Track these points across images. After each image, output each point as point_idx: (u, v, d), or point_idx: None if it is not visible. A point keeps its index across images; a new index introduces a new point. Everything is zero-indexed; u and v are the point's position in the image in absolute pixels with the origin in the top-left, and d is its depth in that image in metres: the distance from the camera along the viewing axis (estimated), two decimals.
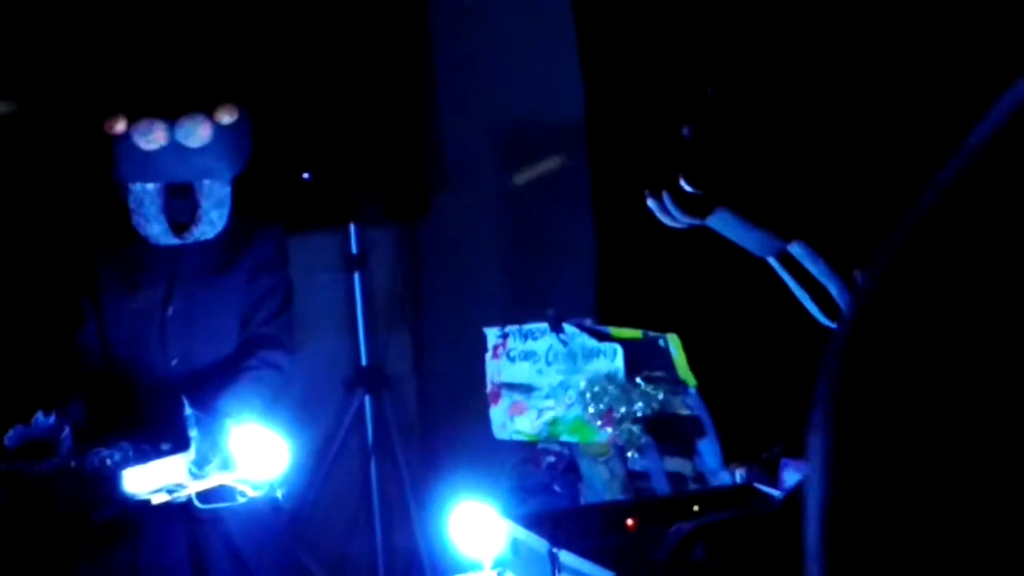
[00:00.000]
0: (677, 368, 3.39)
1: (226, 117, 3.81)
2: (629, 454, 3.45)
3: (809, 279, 2.18)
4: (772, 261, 2.18)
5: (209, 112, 3.81)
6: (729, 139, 2.07)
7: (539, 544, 2.48)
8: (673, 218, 2.12)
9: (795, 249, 2.15)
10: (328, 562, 4.83)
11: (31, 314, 4.32)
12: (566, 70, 4.87)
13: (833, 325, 2.21)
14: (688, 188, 2.08)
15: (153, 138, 3.76)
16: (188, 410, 3.47)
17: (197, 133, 3.77)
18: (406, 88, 4.88)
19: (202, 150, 3.79)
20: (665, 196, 2.11)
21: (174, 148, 3.77)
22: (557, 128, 4.96)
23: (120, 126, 3.79)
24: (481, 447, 3.98)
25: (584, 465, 3.65)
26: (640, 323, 3.52)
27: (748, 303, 3.70)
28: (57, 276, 4.05)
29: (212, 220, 3.86)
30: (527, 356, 3.60)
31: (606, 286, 4.63)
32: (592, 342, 3.49)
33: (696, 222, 2.13)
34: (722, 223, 2.12)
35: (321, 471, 4.78)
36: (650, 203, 2.14)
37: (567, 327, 3.54)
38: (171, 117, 3.78)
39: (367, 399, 4.95)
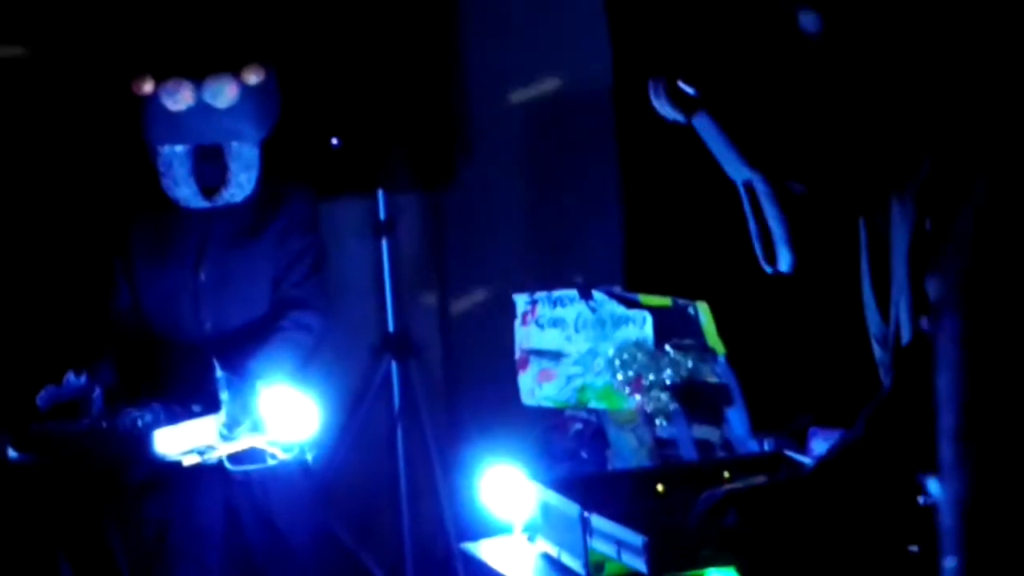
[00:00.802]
0: (706, 336, 3.39)
1: (253, 77, 3.82)
2: (657, 421, 3.45)
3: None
4: (741, 190, 2.18)
5: (236, 72, 3.81)
6: (730, 53, 2.08)
7: (570, 508, 2.48)
8: (662, 107, 2.15)
9: (756, 182, 2.15)
10: (354, 526, 4.85)
11: (64, 277, 4.34)
12: (593, 35, 4.87)
13: (768, 269, 2.21)
14: (683, 85, 2.10)
15: (180, 98, 3.77)
16: (219, 372, 3.49)
17: (224, 93, 3.78)
18: (434, 55, 4.87)
19: (229, 111, 3.80)
20: (660, 84, 2.13)
21: (201, 108, 3.78)
22: (584, 94, 4.96)
23: (148, 87, 3.80)
24: (507, 413, 3.99)
25: (612, 432, 3.66)
26: (667, 290, 3.52)
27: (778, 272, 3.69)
28: (90, 240, 4.07)
29: (241, 183, 3.87)
30: (556, 323, 3.60)
31: (633, 253, 4.64)
32: (621, 309, 3.49)
33: (680, 119, 2.14)
34: (703, 129, 2.12)
35: (348, 436, 4.79)
36: (650, 87, 2.15)
37: (596, 294, 3.55)
38: (198, 77, 3.79)
39: (394, 365, 4.96)
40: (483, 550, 2.75)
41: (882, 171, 2.09)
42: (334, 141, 4.77)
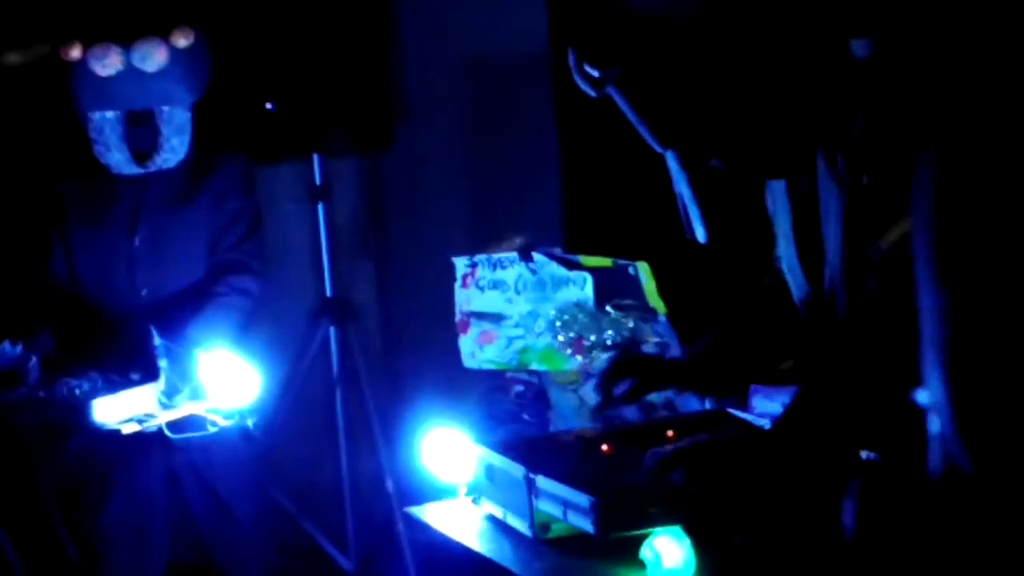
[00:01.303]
0: (647, 296, 3.40)
1: (182, 40, 3.78)
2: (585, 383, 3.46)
3: None
4: (667, 159, 2.19)
5: (165, 36, 3.77)
6: (633, 29, 2.08)
7: (515, 469, 2.48)
8: (578, 81, 2.16)
9: (668, 159, 2.17)
10: (294, 492, 4.83)
11: None
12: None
13: (701, 239, 2.23)
14: (590, 70, 2.12)
15: (109, 63, 3.73)
16: (157, 340, 3.46)
17: (153, 57, 3.74)
18: (369, 18, 4.83)
19: (160, 74, 3.76)
20: (573, 60, 2.14)
21: (131, 73, 3.74)
22: (521, 57, 4.95)
23: (76, 52, 3.75)
24: (447, 377, 3.98)
25: (554, 393, 3.66)
26: (606, 251, 3.52)
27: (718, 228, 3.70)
28: (24, 209, 4.02)
29: (174, 147, 3.83)
30: (496, 285, 3.60)
31: (573, 215, 4.64)
32: (562, 271, 3.49)
33: (592, 94, 2.15)
34: (618, 103, 2.14)
35: (287, 402, 4.77)
36: (570, 60, 2.17)
37: (536, 256, 3.54)
38: (127, 41, 3.74)
39: (332, 330, 4.93)
40: (428, 513, 2.74)
41: (805, 136, 2.10)
42: (269, 106, 4.73)
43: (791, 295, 2.44)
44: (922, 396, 1.68)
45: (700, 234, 2.19)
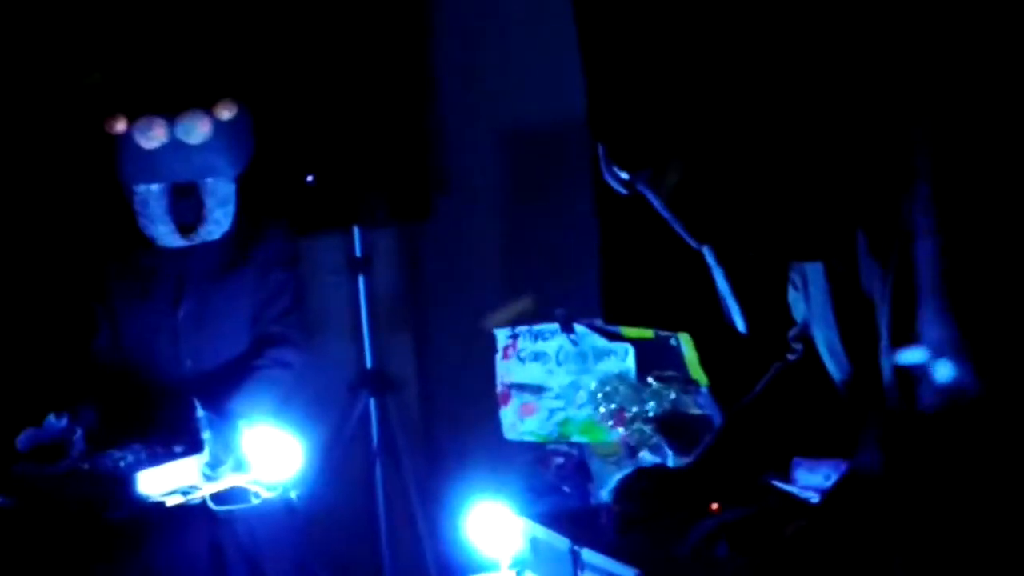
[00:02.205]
0: (688, 367, 3.40)
1: (226, 113, 3.81)
2: (640, 454, 3.45)
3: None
4: (705, 254, 2.23)
5: (208, 108, 3.81)
6: (659, 135, 2.12)
7: (560, 542, 2.48)
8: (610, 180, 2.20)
9: (705, 253, 2.20)
10: (333, 565, 4.82)
11: (43, 319, 4.32)
12: (568, 71, 4.87)
13: (743, 329, 2.25)
14: (620, 172, 2.15)
15: (153, 135, 3.77)
16: (200, 412, 3.47)
17: (197, 129, 3.77)
18: (408, 90, 4.88)
19: (203, 147, 3.79)
20: (602, 163, 2.18)
21: (175, 146, 3.78)
22: (559, 128, 4.97)
23: (120, 125, 3.79)
24: (486, 449, 3.98)
25: (595, 465, 3.65)
26: (648, 322, 3.52)
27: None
28: (69, 282, 4.05)
29: (218, 219, 3.86)
30: (537, 357, 3.60)
31: (611, 285, 4.63)
32: (603, 342, 3.49)
33: (625, 192, 2.19)
34: (653, 203, 2.17)
35: (326, 474, 4.77)
36: (600, 160, 2.21)
37: (577, 327, 3.55)
38: (170, 114, 3.79)
39: (371, 401, 4.94)
40: None
41: (844, 216, 2.13)
42: (309, 178, 4.77)
43: (813, 374, 2.46)
44: (909, 356, 1.81)
45: (740, 326, 2.22)
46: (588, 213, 4.77)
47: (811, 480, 3.00)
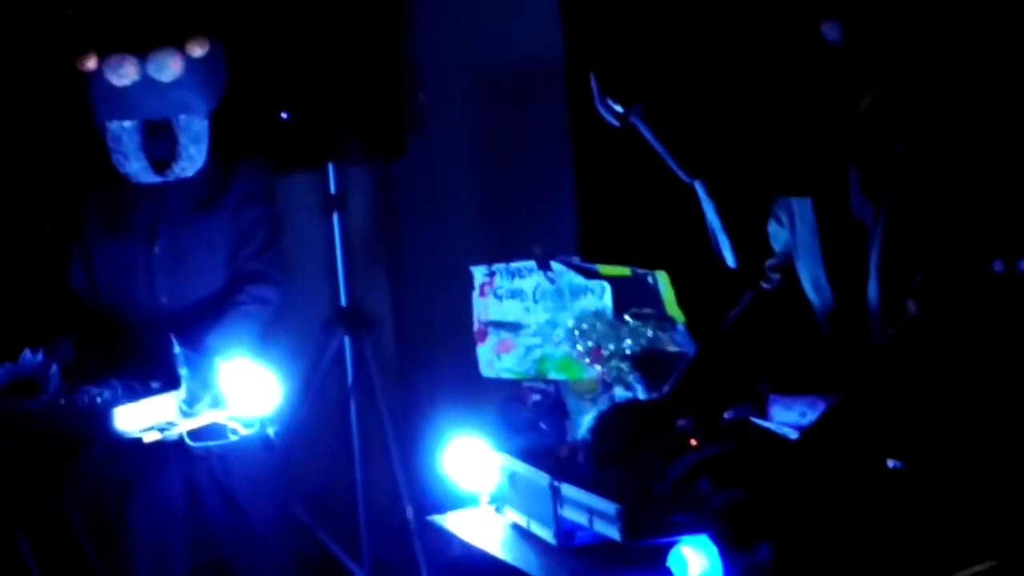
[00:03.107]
0: (666, 305, 3.40)
1: (197, 50, 3.78)
2: (617, 391, 3.46)
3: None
4: (697, 188, 2.23)
5: (180, 45, 3.78)
6: (652, 65, 2.12)
7: (540, 477, 2.49)
8: (603, 111, 2.20)
9: (696, 187, 2.20)
10: (309, 501, 4.84)
11: (18, 254, 4.30)
12: (543, 7, 4.85)
13: (732, 264, 2.26)
14: (614, 105, 2.15)
15: (124, 73, 3.74)
16: (177, 348, 3.46)
17: (168, 67, 3.74)
18: (384, 27, 4.84)
19: (175, 84, 3.77)
20: (596, 91, 2.17)
21: (147, 83, 3.75)
22: (535, 65, 4.95)
23: (91, 63, 3.76)
24: (463, 386, 3.99)
25: (572, 402, 3.66)
26: (622, 260, 3.53)
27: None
28: (44, 218, 4.03)
29: (192, 156, 3.84)
30: (514, 294, 3.60)
31: (589, 223, 4.64)
32: (580, 280, 3.50)
33: (618, 125, 2.19)
34: (645, 135, 2.17)
35: (301, 411, 4.77)
36: (593, 91, 2.20)
37: (555, 265, 3.55)
38: (141, 51, 3.75)
39: (347, 339, 4.94)
40: (450, 522, 2.75)
41: (838, 153, 2.13)
42: (284, 115, 4.74)
43: (790, 305, 2.47)
44: None
45: (730, 260, 2.22)
46: (564, 150, 4.76)
47: (787, 417, 3.01)
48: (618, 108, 2.15)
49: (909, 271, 2.08)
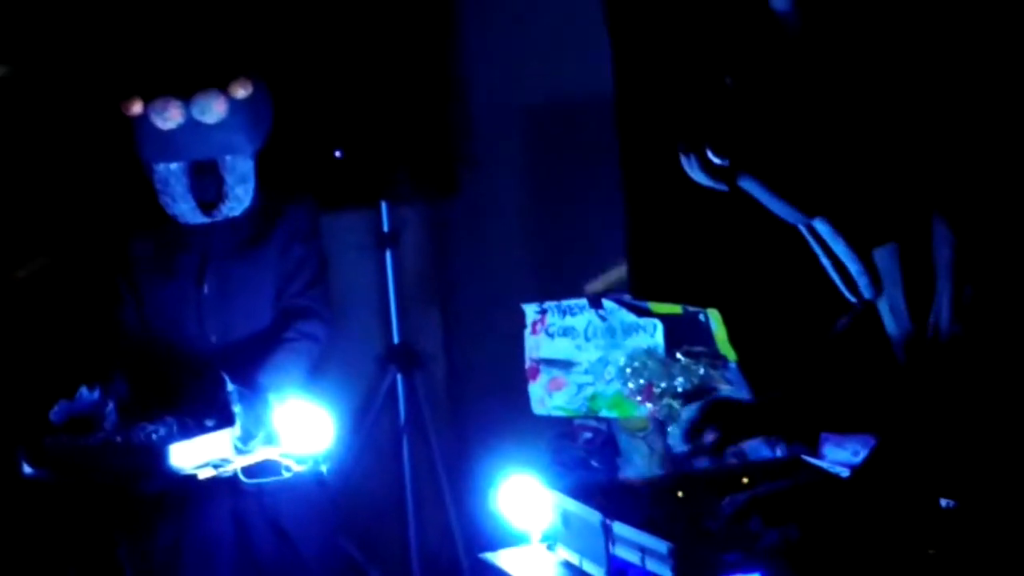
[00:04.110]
0: (717, 342, 3.40)
1: (240, 91, 3.81)
2: (669, 429, 3.46)
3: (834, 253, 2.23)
4: (803, 231, 2.22)
5: (223, 87, 3.81)
6: (754, 115, 2.11)
7: (591, 515, 2.49)
8: (700, 178, 2.18)
9: (819, 225, 2.19)
10: (361, 538, 4.85)
11: (73, 293, 4.35)
12: (594, 45, 4.87)
13: (852, 299, 2.25)
14: (714, 158, 2.13)
15: (169, 116, 3.77)
16: (230, 386, 3.49)
17: (213, 109, 3.78)
18: (436, 65, 4.89)
19: (220, 126, 3.80)
20: (693, 157, 2.16)
21: (192, 125, 3.78)
22: (586, 103, 4.97)
23: (136, 107, 3.80)
24: (513, 423, 4.00)
25: (623, 440, 3.67)
26: (673, 297, 3.53)
27: (788, 276, 3.71)
28: (94, 258, 4.08)
29: (239, 196, 3.87)
30: (566, 332, 3.61)
31: (639, 260, 4.64)
32: (631, 317, 3.50)
33: (722, 187, 2.18)
34: (750, 191, 2.16)
35: (353, 448, 4.79)
36: (683, 161, 2.19)
37: (606, 302, 3.56)
38: (186, 95, 3.79)
39: (399, 377, 4.96)
40: (502, 560, 2.75)
41: (926, 198, 2.14)
42: (337, 153, 4.78)
43: (870, 336, 2.46)
44: None
45: (867, 291, 2.21)
46: (615, 187, 4.77)
47: (840, 455, 3.01)
48: (720, 162, 2.13)
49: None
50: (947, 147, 2.10)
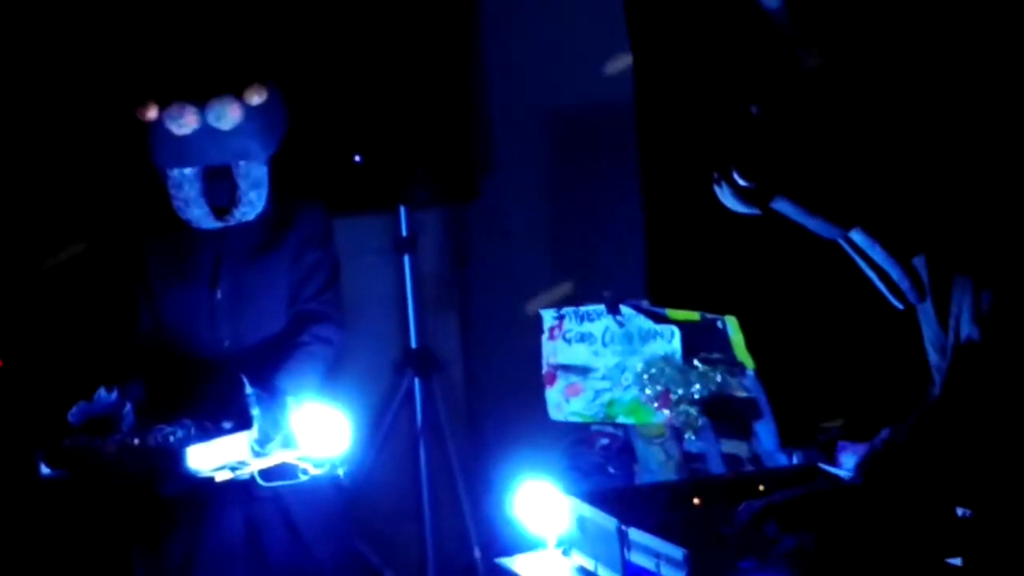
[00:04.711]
0: (735, 349, 3.40)
1: (256, 97, 3.81)
2: (685, 435, 3.46)
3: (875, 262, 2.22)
4: (843, 243, 2.22)
5: (238, 93, 3.81)
6: (781, 137, 2.11)
7: (607, 521, 2.49)
8: (732, 203, 2.18)
9: (856, 236, 2.18)
10: (377, 541, 4.86)
11: (90, 296, 4.37)
12: (615, 50, 4.88)
13: (900, 305, 2.24)
14: (742, 182, 2.13)
15: (184, 122, 3.77)
16: (249, 389, 3.49)
17: (228, 115, 3.77)
18: (455, 70, 4.89)
19: (235, 131, 3.79)
20: (724, 188, 2.16)
21: (207, 131, 3.78)
22: (605, 108, 4.97)
23: (151, 112, 3.81)
24: (530, 429, 4.00)
25: (640, 446, 3.66)
26: (691, 304, 3.53)
27: (806, 285, 3.71)
28: (108, 260, 4.09)
29: (252, 201, 3.87)
30: (583, 338, 3.61)
31: (657, 267, 4.64)
32: (649, 324, 3.50)
33: (756, 211, 2.17)
34: (784, 211, 2.16)
35: (370, 452, 4.80)
36: (715, 190, 2.18)
37: (624, 309, 3.56)
38: (200, 100, 3.79)
39: (416, 381, 4.97)
40: (518, 565, 2.75)
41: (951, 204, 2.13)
42: (356, 158, 4.79)
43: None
44: None
45: (911, 295, 2.20)
46: (634, 194, 4.77)
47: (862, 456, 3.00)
48: (746, 184, 2.13)
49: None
50: (966, 154, 2.10)
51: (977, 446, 2.06)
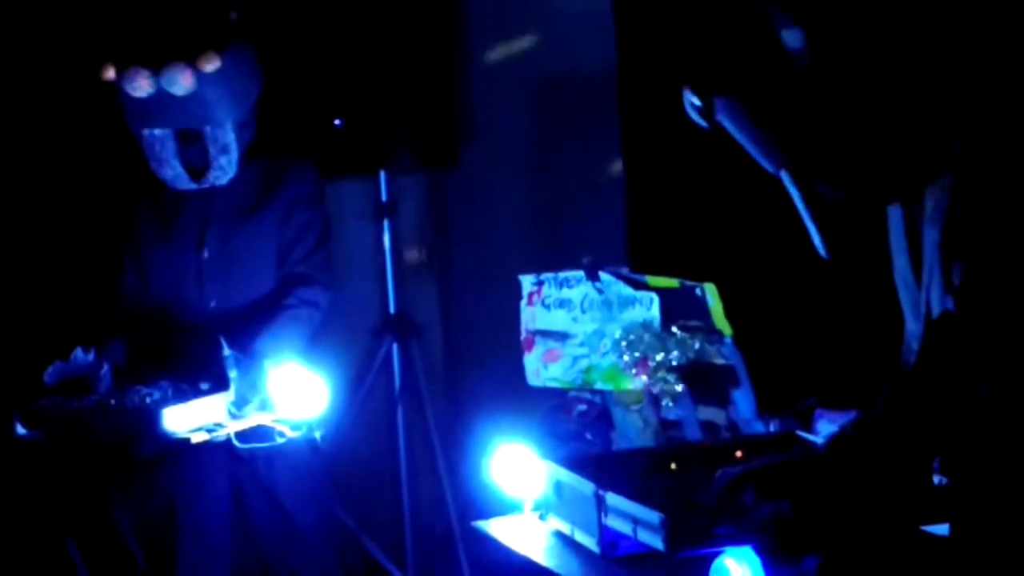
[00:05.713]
0: (713, 317, 3.40)
1: (208, 66, 3.78)
2: (663, 402, 3.46)
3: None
4: (784, 179, 2.22)
5: (191, 61, 3.78)
6: (738, 63, 2.12)
7: (584, 486, 2.49)
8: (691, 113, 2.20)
9: (783, 181, 2.19)
10: (354, 506, 4.86)
11: (73, 256, 4.35)
12: (597, 17, 4.87)
13: (824, 254, 2.25)
14: (695, 100, 2.15)
15: (139, 86, 3.76)
16: (227, 351, 3.49)
17: (179, 82, 3.75)
18: (437, 36, 4.87)
19: (190, 98, 3.77)
20: (685, 92, 2.18)
21: (162, 96, 3.77)
22: (587, 76, 4.96)
23: (110, 73, 3.79)
24: (508, 395, 4.00)
25: (617, 413, 3.66)
26: (671, 271, 3.53)
27: (784, 253, 3.71)
28: (97, 221, 4.08)
29: (222, 166, 3.86)
30: (562, 304, 3.61)
31: (638, 234, 4.65)
32: (628, 291, 3.50)
33: (704, 124, 2.19)
34: (728, 128, 2.17)
35: (349, 417, 4.80)
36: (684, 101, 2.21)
37: (603, 275, 3.55)
38: (155, 66, 3.77)
39: (394, 346, 4.97)
40: (494, 528, 2.76)
41: (916, 168, 2.13)
42: (337, 122, 4.77)
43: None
44: None
45: (821, 249, 2.21)
46: (615, 161, 4.78)
47: (833, 431, 3.00)
48: (697, 101, 2.15)
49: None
50: (940, 120, 2.10)
51: (952, 415, 2.06)
